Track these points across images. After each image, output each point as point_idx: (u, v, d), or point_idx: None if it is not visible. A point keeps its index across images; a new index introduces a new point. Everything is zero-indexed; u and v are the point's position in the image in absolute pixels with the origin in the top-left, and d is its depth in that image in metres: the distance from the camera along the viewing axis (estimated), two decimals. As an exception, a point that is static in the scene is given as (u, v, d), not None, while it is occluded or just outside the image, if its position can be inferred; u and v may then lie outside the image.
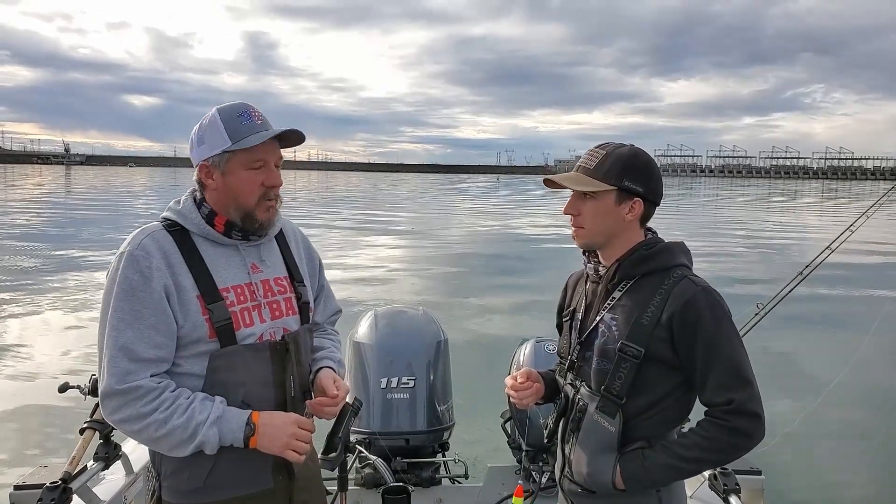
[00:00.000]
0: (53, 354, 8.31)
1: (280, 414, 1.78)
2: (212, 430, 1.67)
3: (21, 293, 11.91)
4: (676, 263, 1.81)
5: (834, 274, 11.44)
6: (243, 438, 1.70)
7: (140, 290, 1.67)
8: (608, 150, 1.83)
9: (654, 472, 1.74)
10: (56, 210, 32.29)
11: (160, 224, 1.81)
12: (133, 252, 1.70)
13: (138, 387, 1.64)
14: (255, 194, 1.80)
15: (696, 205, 49.72)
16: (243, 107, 1.82)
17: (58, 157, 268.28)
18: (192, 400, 1.69)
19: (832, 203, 48.62)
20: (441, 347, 3.38)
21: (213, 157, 1.79)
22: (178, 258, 1.74)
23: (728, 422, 1.67)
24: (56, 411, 6.21)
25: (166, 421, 1.64)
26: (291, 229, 2.08)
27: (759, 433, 1.69)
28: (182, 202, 1.84)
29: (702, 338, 1.68)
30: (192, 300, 1.72)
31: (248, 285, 1.83)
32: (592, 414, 1.81)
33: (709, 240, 22.00)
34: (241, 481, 1.81)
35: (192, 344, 1.73)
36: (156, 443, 1.69)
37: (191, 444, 1.66)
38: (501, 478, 3.23)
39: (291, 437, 1.74)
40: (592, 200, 1.81)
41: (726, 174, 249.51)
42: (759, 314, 3.22)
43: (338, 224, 26.60)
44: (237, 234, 1.83)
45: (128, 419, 1.65)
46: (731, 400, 1.66)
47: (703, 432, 1.71)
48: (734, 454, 1.73)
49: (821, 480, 5.30)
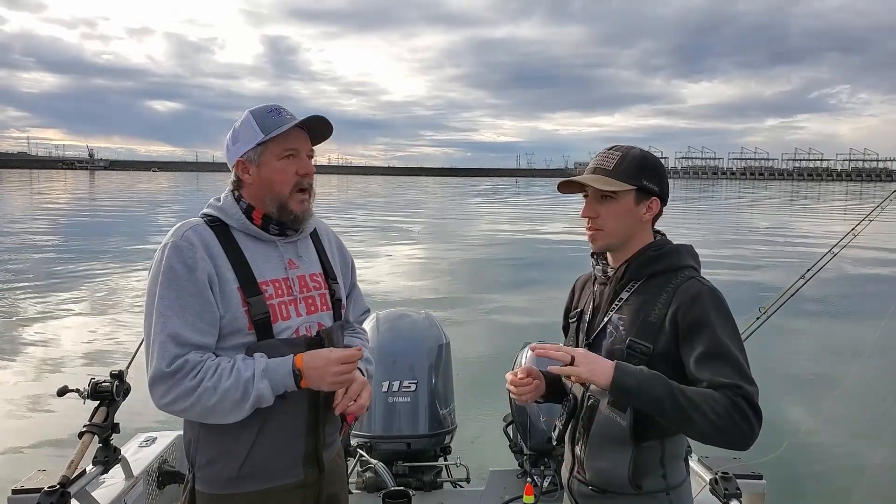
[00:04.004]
0: (53, 358, 8.37)
1: (320, 353, 1.81)
2: (262, 382, 1.72)
3: (21, 297, 12.05)
4: (684, 265, 1.82)
5: (838, 276, 11.33)
6: (294, 382, 1.76)
7: (184, 279, 1.73)
8: (623, 151, 1.85)
9: (645, 381, 1.63)
10: (76, 216, 32.66)
11: (201, 219, 1.88)
12: (177, 243, 1.77)
13: (185, 362, 1.69)
14: (289, 183, 1.88)
15: (707, 207, 49.29)
16: (274, 105, 1.91)
17: (82, 163, 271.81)
18: (234, 361, 1.75)
19: (841, 207, 48.00)
20: (443, 351, 3.38)
21: (248, 153, 1.88)
22: (219, 250, 1.81)
23: (736, 402, 1.58)
24: (55, 415, 6.25)
25: (216, 387, 1.69)
26: (325, 230, 2.16)
27: (755, 432, 1.60)
28: (222, 199, 1.92)
29: (706, 332, 1.67)
30: (233, 292, 1.78)
31: (285, 280, 1.89)
32: (604, 410, 1.81)
33: (719, 243, 21.83)
34: (273, 473, 1.86)
35: (231, 335, 1.79)
36: (213, 412, 1.72)
37: (246, 402, 1.71)
38: (503, 482, 3.22)
39: (335, 375, 1.79)
40: (612, 201, 1.82)
41: (748, 176, 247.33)
42: (761, 318, 3.19)
43: (348, 228, 26.72)
44: (274, 227, 1.89)
45: (178, 398, 1.69)
46: (738, 385, 1.60)
47: (712, 391, 1.61)
48: (728, 435, 1.59)
49: (823, 486, 5.23)
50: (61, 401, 2.57)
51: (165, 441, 3.04)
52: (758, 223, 33.10)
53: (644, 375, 1.64)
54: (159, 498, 2.89)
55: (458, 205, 49.29)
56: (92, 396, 2.50)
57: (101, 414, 2.49)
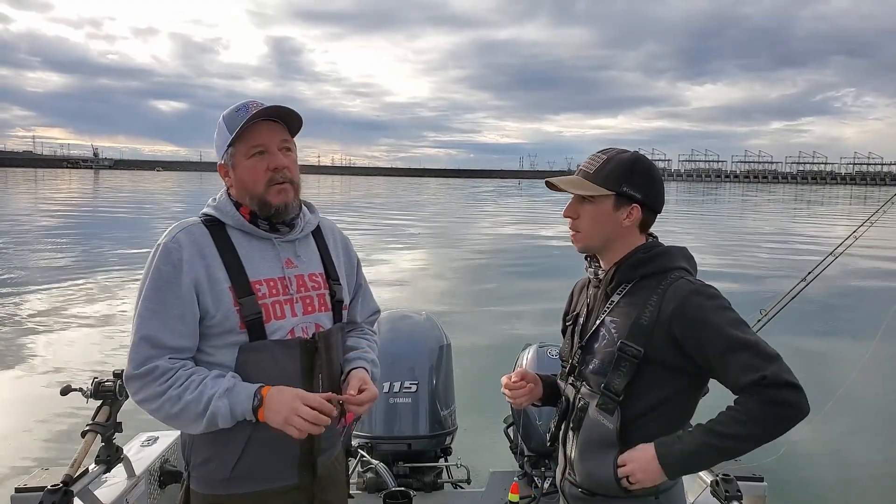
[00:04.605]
0: (56, 357, 8.38)
1: (289, 389, 1.74)
2: (222, 401, 1.70)
3: (25, 296, 12.07)
4: (675, 266, 1.81)
5: (840, 278, 11.29)
6: (252, 409, 1.72)
7: (170, 281, 1.74)
8: (610, 155, 1.84)
9: (693, 451, 1.67)
10: (80, 215, 32.71)
11: (199, 219, 1.88)
12: (167, 245, 1.78)
13: (155, 367, 1.70)
14: (261, 181, 1.84)
15: (708, 210, 49.18)
16: (243, 103, 1.86)
17: (87, 162, 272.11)
18: (205, 376, 1.74)
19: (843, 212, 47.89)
20: (444, 352, 3.38)
21: (224, 156, 1.88)
22: (212, 250, 1.80)
23: (765, 394, 1.59)
24: (58, 414, 6.26)
25: (180, 396, 1.69)
26: (330, 227, 2.12)
27: (803, 403, 1.60)
28: (218, 198, 1.92)
29: (710, 331, 1.67)
30: (225, 291, 1.77)
31: (282, 279, 1.87)
32: (593, 412, 1.81)
33: (719, 246, 21.80)
34: (266, 475, 1.85)
35: (223, 334, 1.78)
36: (174, 419, 1.74)
37: (203, 416, 1.70)
38: (503, 483, 3.22)
39: (292, 412, 1.69)
40: (590, 204, 1.83)
41: (751, 179, 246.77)
42: (762, 320, 3.20)
43: (349, 227, 26.71)
44: (264, 223, 1.87)
45: (147, 398, 1.72)
46: (763, 376, 1.60)
47: (740, 407, 1.63)
48: (779, 426, 1.61)
49: (824, 488, 5.24)
50: (64, 400, 2.59)
51: (167, 440, 3.05)
52: (760, 226, 33.04)
53: (684, 445, 1.68)
54: (161, 497, 2.90)
55: (461, 206, 49.26)
56: (95, 395, 2.51)
57: (104, 413, 2.50)
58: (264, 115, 1.84)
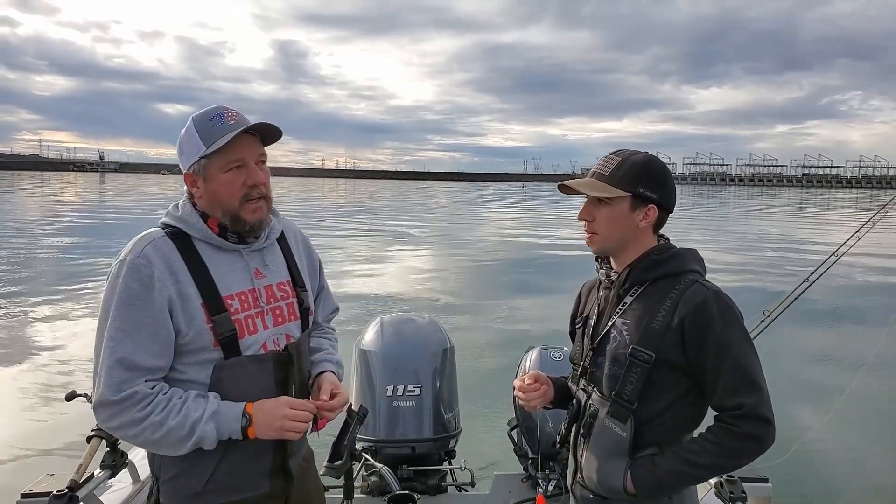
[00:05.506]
0: (61, 362, 8.36)
1: (270, 400, 1.77)
2: (209, 425, 1.68)
3: (30, 301, 12.06)
4: (688, 269, 1.81)
5: (842, 279, 11.25)
6: (241, 430, 1.71)
7: (141, 300, 1.66)
8: (623, 156, 1.84)
9: (665, 477, 1.73)
10: (84, 219, 32.76)
11: (161, 230, 1.80)
12: (134, 260, 1.69)
13: (134, 392, 1.64)
14: (237, 196, 1.78)
15: (713, 214, 49.11)
16: (216, 109, 1.80)
17: (93, 165, 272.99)
18: (186, 399, 1.70)
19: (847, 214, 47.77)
20: (447, 355, 3.37)
21: (194, 166, 1.78)
22: (182, 266, 1.73)
23: (738, 427, 1.66)
24: (63, 419, 6.25)
25: (162, 423, 1.65)
26: (291, 230, 2.08)
27: (768, 438, 1.67)
28: (181, 207, 1.83)
29: (712, 341, 1.68)
30: (197, 308, 1.72)
31: (252, 291, 1.83)
32: (603, 419, 1.81)
33: (724, 247, 21.77)
34: (239, 487, 1.82)
35: (196, 351, 1.74)
36: (154, 445, 1.70)
37: (189, 441, 1.67)
38: (508, 486, 3.22)
39: (284, 418, 1.74)
40: (607, 206, 1.82)
41: (756, 183, 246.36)
42: (766, 321, 3.19)
43: (354, 230, 26.71)
44: (233, 236, 1.82)
45: (124, 425, 1.66)
46: (741, 404, 1.65)
47: (713, 437, 1.70)
48: (743, 459, 1.70)
49: (829, 489, 5.22)
50: (69, 405, 2.59)
51: None
52: (764, 229, 32.98)
53: (658, 478, 1.73)
54: None
55: (465, 209, 49.24)
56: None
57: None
58: (248, 131, 1.78)
